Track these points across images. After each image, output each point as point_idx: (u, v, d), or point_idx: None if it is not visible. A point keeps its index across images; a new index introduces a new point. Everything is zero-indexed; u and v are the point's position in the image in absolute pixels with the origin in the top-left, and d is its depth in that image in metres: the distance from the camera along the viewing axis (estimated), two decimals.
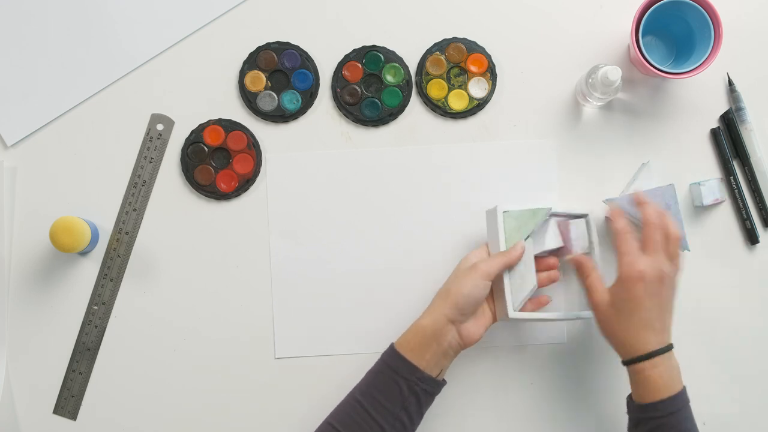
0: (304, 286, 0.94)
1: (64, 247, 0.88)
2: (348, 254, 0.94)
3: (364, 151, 0.94)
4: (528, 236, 0.85)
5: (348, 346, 0.93)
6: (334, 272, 0.94)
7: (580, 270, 0.85)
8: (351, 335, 0.94)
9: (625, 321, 0.80)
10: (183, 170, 0.94)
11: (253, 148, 0.94)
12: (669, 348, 0.79)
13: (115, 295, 0.94)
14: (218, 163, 0.94)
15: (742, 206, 0.93)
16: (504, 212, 0.86)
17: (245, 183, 0.94)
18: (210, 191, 0.94)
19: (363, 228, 0.94)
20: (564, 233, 0.89)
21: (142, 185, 0.94)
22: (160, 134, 0.94)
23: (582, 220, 0.89)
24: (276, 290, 0.94)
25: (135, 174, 0.94)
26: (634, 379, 0.80)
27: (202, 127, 0.94)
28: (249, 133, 0.94)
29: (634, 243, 0.81)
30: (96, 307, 0.93)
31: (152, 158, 0.94)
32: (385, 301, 0.93)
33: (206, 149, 0.94)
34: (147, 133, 0.94)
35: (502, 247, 0.86)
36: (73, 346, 0.93)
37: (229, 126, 0.94)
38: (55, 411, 0.93)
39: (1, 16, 0.95)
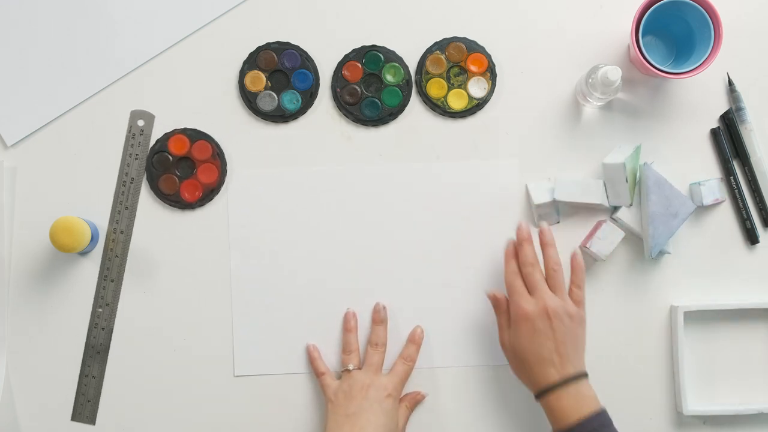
0: (264, 303, 0.93)
1: (64, 247, 0.88)
2: (309, 272, 0.94)
3: (326, 168, 0.94)
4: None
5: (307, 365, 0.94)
6: (294, 289, 0.94)
7: (495, 305, 0.88)
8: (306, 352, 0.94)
9: (525, 359, 0.83)
10: (147, 179, 0.94)
11: (217, 157, 0.94)
12: (575, 377, 0.81)
13: (118, 296, 0.94)
14: (182, 173, 0.94)
15: (742, 206, 0.93)
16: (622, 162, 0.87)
17: (210, 193, 0.94)
18: (174, 200, 0.94)
19: (324, 246, 0.94)
20: (594, 228, 0.90)
21: (131, 183, 0.94)
22: (142, 130, 0.94)
23: (618, 229, 0.89)
24: (236, 306, 0.94)
25: (122, 172, 0.94)
26: (546, 411, 0.82)
27: (167, 136, 0.94)
28: (214, 142, 0.94)
29: (517, 284, 0.85)
30: (101, 309, 0.93)
31: (137, 155, 0.94)
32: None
33: (170, 158, 0.94)
34: (129, 130, 0.94)
35: (632, 194, 0.88)
36: (79, 348, 0.93)
37: (194, 135, 0.94)
38: (73, 418, 0.93)
39: (1, 17, 0.95)
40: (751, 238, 0.93)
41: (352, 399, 0.85)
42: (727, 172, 0.93)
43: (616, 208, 0.92)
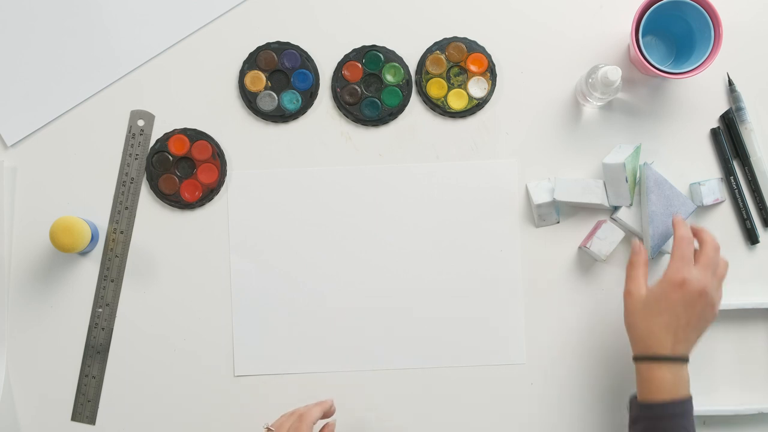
0: (264, 303, 0.94)
1: (64, 247, 0.88)
2: (309, 272, 0.94)
3: (325, 168, 0.94)
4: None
5: (309, 366, 0.94)
6: (294, 289, 0.94)
7: (632, 256, 0.85)
8: (312, 354, 0.94)
9: (651, 318, 0.81)
10: (147, 179, 0.94)
11: (217, 158, 0.94)
12: (682, 360, 0.80)
13: (118, 296, 0.94)
14: (182, 173, 0.94)
15: (742, 206, 0.93)
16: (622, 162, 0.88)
17: (209, 193, 0.94)
18: (174, 200, 0.94)
19: (324, 246, 0.94)
20: (594, 228, 0.90)
21: (131, 182, 0.94)
22: (142, 130, 0.94)
23: (618, 228, 0.89)
24: (236, 306, 0.94)
25: (122, 172, 0.94)
26: (640, 377, 0.81)
27: (167, 136, 0.94)
28: (214, 142, 0.94)
29: (688, 253, 0.81)
30: (101, 309, 0.93)
31: (137, 155, 0.94)
32: (347, 319, 0.94)
33: (171, 158, 0.94)
34: (129, 130, 0.94)
35: (632, 194, 0.88)
36: (79, 348, 0.93)
37: (194, 135, 0.94)
38: (73, 418, 0.93)
39: (1, 18, 0.95)
40: (751, 238, 0.93)
41: None
42: (727, 172, 0.93)
43: (616, 208, 0.92)
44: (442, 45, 0.94)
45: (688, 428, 0.79)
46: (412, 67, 0.95)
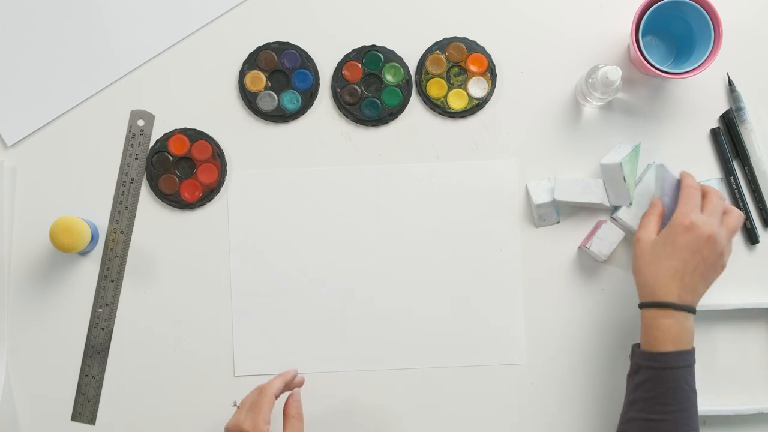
0: (264, 303, 0.94)
1: (64, 247, 0.88)
2: (309, 272, 0.94)
3: (325, 168, 0.94)
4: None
5: (309, 366, 0.93)
6: (294, 289, 0.94)
7: (649, 208, 0.86)
8: (311, 354, 0.94)
9: (657, 263, 0.80)
10: (147, 179, 0.94)
11: (217, 157, 0.94)
12: (689, 309, 0.80)
13: (118, 296, 0.94)
14: (182, 173, 0.94)
15: (742, 206, 0.93)
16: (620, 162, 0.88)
17: (210, 193, 0.94)
18: (174, 200, 0.94)
19: (324, 246, 0.94)
20: (594, 228, 0.90)
21: (131, 182, 0.94)
22: (142, 130, 0.94)
23: (618, 229, 0.89)
24: (236, 306, 0.94)
25: (122, 172, 0.94)
26: (645, 324, 0.81)
27: (167, 136, 0.94)
28: (214, 142, 0.94)
29: (696, 199, 0.82)
30: (101, 310, 0.93)
31: (137, 155, 0.94)
32: (347, 319, 0.94)
33: (171, 158, 0.94)
34: (129, 130, 0.94)
35: (631, 193, 0.88)
36: (79, 348, 0.93)
37: (194, 135, 0.94)
38: (73, 418, 0.93)
39: (1, 18, 0.95)
40: (751, 238, 0.93)
41: None
42: (727, 172, 0.93)
43: (616, 208, 0.92)
44: (442, 45, 0.94)
45: (689, 381, 0.79)
46: (412, 67, 0.95)
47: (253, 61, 0.95)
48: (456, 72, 0.94)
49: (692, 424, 0.78)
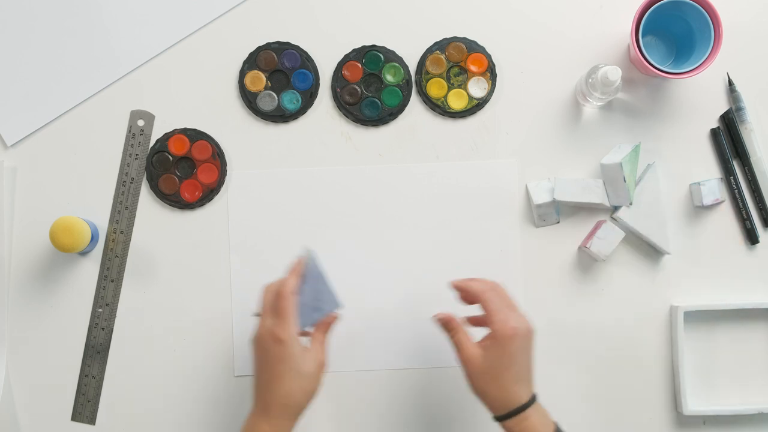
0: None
1: (64, 247, 0.88)
2: None
3: (325, 168, 0.94)
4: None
5: None
6: None
7: (446, 327, 0.83)
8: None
9: (498, 377, 0.79)
10: (147, 179, 0.94)
11: (217, 158, 0.94)
12: (534, 398, 0.79)
13: (118, 296, 0.94)
14: (182, 173, 0.94)
15: (742, 206, 0.93)
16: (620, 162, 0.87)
17: (210, 193, 0.94)
18: (174, 200, 0.94)
19: (324, 245, 0.92)
20: (594, 228, 0.90)
21: (131, 182, 0.94)
22: (142, 130, 0.94)
23: (618, 228, 0.89)
24: (236, 306, 0.94)
25: (122, 172, 0.94)
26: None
27: (167, 136, 0.94)
28: (214, 142, 0.94)
29: (499, 300, 0.80)
30: (101, 309, 0.93)
31: (137, 155, 0.94)
32: (347, 319, 0.92)
33: (171, 158, 0.94)
34: (129, 130, 0.94)
35: (631, 193, 0.88)
36: (79, 348, 0.94)
37: (194, 135, 0.94)
38: (73, 418, 0.93)
39: (1, 17, 0.95)
40: (751, 238, 0.93)
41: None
42: (727, 172, 0.93)
43: (616, 208, 0.92)
44: (442, 45, 0.94)
45: None
46: (412, 67, 0.95)
47: (253, 61, 0.95)
48: (456, 72, 0.94)
49: None
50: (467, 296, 0.83)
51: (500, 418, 0.79)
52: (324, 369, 0.81)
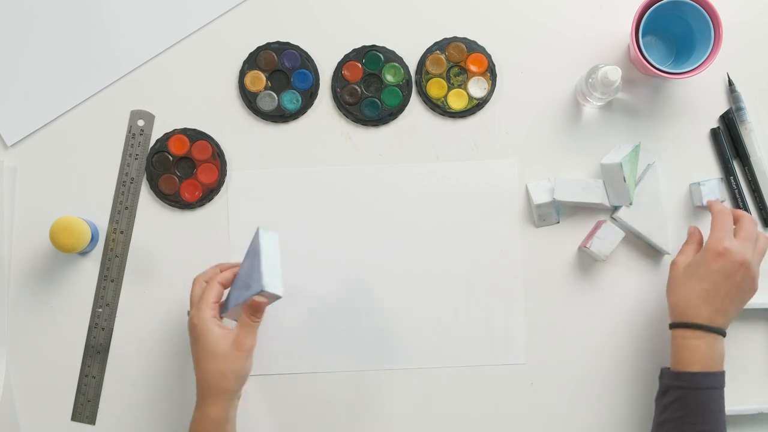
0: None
1: (64, 247, 0.88)
2: (308, 271, 0.94)
3: (325, 168, 0.94)
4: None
5: (308, 365, 0.93)
6: (293, 289, 0.93)
7: (689, 236, 0.87)
8: (311, 354, 0.94)
9: (689, 285, 0.82)
10: (147, 179, 0.94)
11: (217, 158, 0.94)
12: (719, 331, 0.81)
13: (118, 296, 0.94)
14: (182, 173, 0.94)
15: (742, 206, 0.93)
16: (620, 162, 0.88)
17: (209, 193, 0.94)
18: (174, 200, 0.94)
19: (324, 245, 0.94)
20: (594, 228, 0.90)
21: (131, 182, 0.94)
22: (142, 130, 0.94)
23: (618, 229, 0.89)
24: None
25: (122, 172, 0.94)
26: (674, 344, 0.82)
27: (167, 136, 0.94)
28: (214, 142, 0.94)
29: (727, 224, 0.83)
30: (101, 310, 0.93)
31: (137, 155, 0.94)
32: (347, 319, 0.94)
33: (171, 158, 0.94)
34: (129, 130, 0.94)
35: (631, 193, 0.89)
36: (79, 348, 0.94)
37: (194, 135, 0.94)
38: (73, 418, 0.93)
39: (1, 17, 0.95)
40: None
41: None
42: (727, 172, 0.93)
43: (616, 208, 0.92)
44: (442, 45, 0.94)
45: (717, 402, 0.80)
46: (412, 67, 0.95)
47: (253, 61, 0.95)
48: (456, 72, 0.94)
49: None
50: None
51: (672, 326, 0.82)
52: (243, 349, 0.81)
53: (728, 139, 0.93)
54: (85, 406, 0.93)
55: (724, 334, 0.81)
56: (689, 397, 0.79)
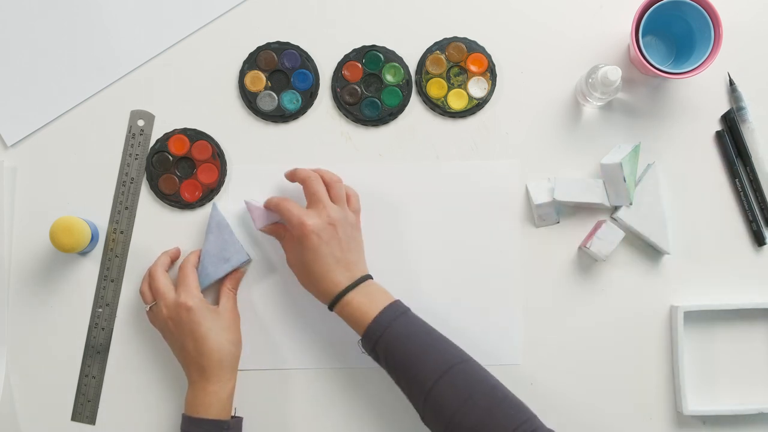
0: (263, 301, 0.93)
1: (64, 247, 0.88)
2: None
3: (327, 167, 0.93)
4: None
5: (307, 362, 0.94)
6: (293, 289, 0.93)
7: (277, 237, 0.91)
8: (310, 351, 0.94)
9: (312, 271, 0.85)
10: (147, 179, 0.94)
11: (217, 157, 0.94)
12: (362, 280, 0.84)
13: (118, 296, 0.94)
14: (182, 173, 0.94)
15: (747, 208, 0.93)
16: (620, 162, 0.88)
17: (210, 193, 0.94)
18: (174, 200, 0.94)
19: None
20: (594, 228, 0.90)
21: (131, 182, 0.94)
22: (142, 130, 0.94)
23: (618, 229, 0.89)
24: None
25: (122, 172, 0.94)
26: (346, 318, 0.85)
27: (167, 136, 0.94)
28: (214, 142, 0.94)
29: (293, 205, 0.86)
30: (101, 309, 0.93)
31: (137, 155, 0.94)
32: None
33: (171, 158, 0.94)
34: (129, 130, 0.94)
35: (631, 193, 0.89)
36: (79, 348, 0.94)
37: (194, 135, 0.94)
38: (73, 418, 0.93)
39: (1, 18, 0.95)
40: (758, 239, 0.93)
41: None
42: (732, 175, 0.93)
43: (616, 208, 0.92)
44: (442, 45, 0.94)
45: (412, 321, 0.83)
46: (412, 67, 0.95)
47: (253, 61, 0.95)
48: (456, 72, 0.94)
49: (454, 351, 0.82)
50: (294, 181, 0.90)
51: (330, 307, 0.85)
52: (238, 318, 0.90)
53: (730, 139, 0.93)
54: (85, 406, 0.93)
55: (370, 276, 0.85)
56: (388, 340, 0.81)
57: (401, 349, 0.81)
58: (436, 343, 0.82)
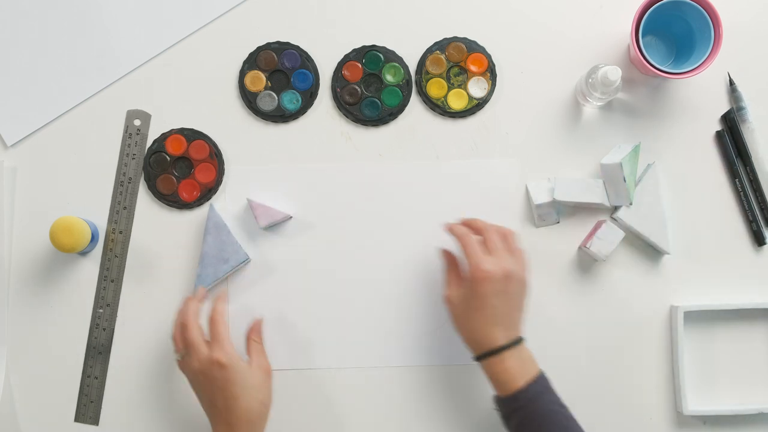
0: (263, 302, 0.94)
1: (64, 247, 0.88)
2: (308, 270, 0.94)
3: (325, 166, 0.94)
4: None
5: (307, 363, 0.94)
6: (293, 289, 0.94)
7: (446, 262, 0.88)
8: (310, 351, 0.94)
9: (473, 318, 0.83)
10: (145, 179, 0.94)
11: (215, 157, 0.94)
12: (518, 341, 0.82)
13: (118, 296, 0.94)
14: (180, 173, 0.94)
15: (747, 208, 0.93)
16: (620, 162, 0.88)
17: (208, 192, 0.94)
18: (172, 200, 0.94)
19: (323, 244, 0.94)
20: (594, 228, 0.90)
21: (129, 183, 0.94)
22: (138, 129, 0.94)
23: (618, 229, 0.89)
24: (235, 304, 0.94)
25: (120, 172, 0.94)
26: (489, 374, 0.83)
27: (164, 136, 0.94)
28: (211, 142, 0.94)
29: (477, 245, 0.84)
30: (102, 310, 0.93)
31: (134, 155, 0.94)
32: (346, 318, 0.94)
33: (168, 158, 0.94)
34: (125, 130, 0.94)
35: (631, 193, 0.89)
36: (80, 348, 0.94)
37: (191, 135, 0.94)
38: (77, 419, 0.93)
39: (1, 17, 0.95)
40: (758, 239, 0.93)
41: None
42: (733, 175, 0.93)
43: (616, 208, 0.92)
44: (442, 45, 0.94)
45: (554, 401, 0.81)
46: (412, 67, 0.95)
47: (253, 61, 0.95)
48: (456, 72, 0.94)
49: None
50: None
51: (477, 358, 0.83)
52: (270, 373, 0.87)
53: (730, 139, 0.93)
54: (88, 407, 0.93)
55: (523, 339, 0.83)
56: (531, 411, 0.80)
57: (536, 428, 0.79)
58: (572, 424, 0.81)
